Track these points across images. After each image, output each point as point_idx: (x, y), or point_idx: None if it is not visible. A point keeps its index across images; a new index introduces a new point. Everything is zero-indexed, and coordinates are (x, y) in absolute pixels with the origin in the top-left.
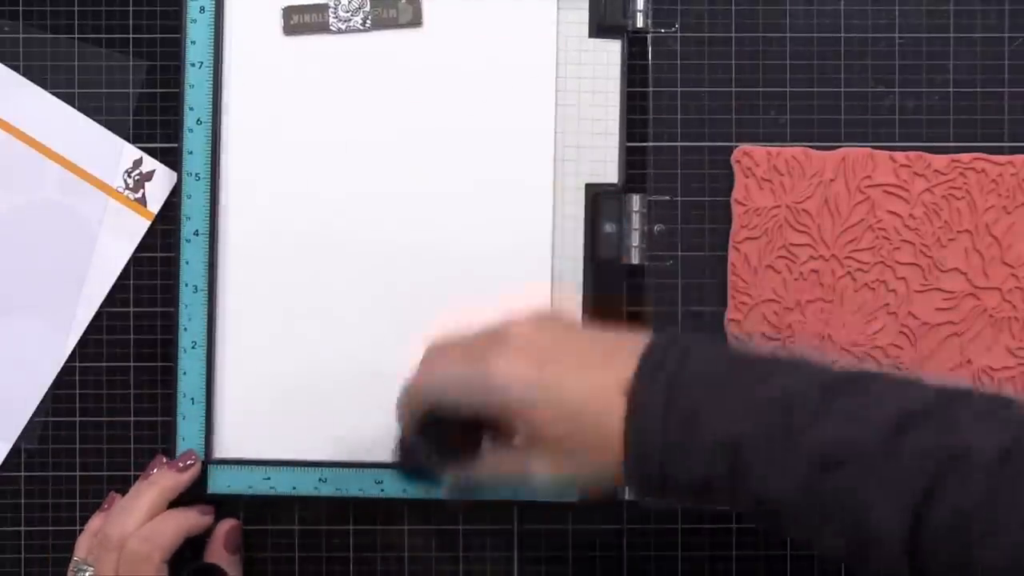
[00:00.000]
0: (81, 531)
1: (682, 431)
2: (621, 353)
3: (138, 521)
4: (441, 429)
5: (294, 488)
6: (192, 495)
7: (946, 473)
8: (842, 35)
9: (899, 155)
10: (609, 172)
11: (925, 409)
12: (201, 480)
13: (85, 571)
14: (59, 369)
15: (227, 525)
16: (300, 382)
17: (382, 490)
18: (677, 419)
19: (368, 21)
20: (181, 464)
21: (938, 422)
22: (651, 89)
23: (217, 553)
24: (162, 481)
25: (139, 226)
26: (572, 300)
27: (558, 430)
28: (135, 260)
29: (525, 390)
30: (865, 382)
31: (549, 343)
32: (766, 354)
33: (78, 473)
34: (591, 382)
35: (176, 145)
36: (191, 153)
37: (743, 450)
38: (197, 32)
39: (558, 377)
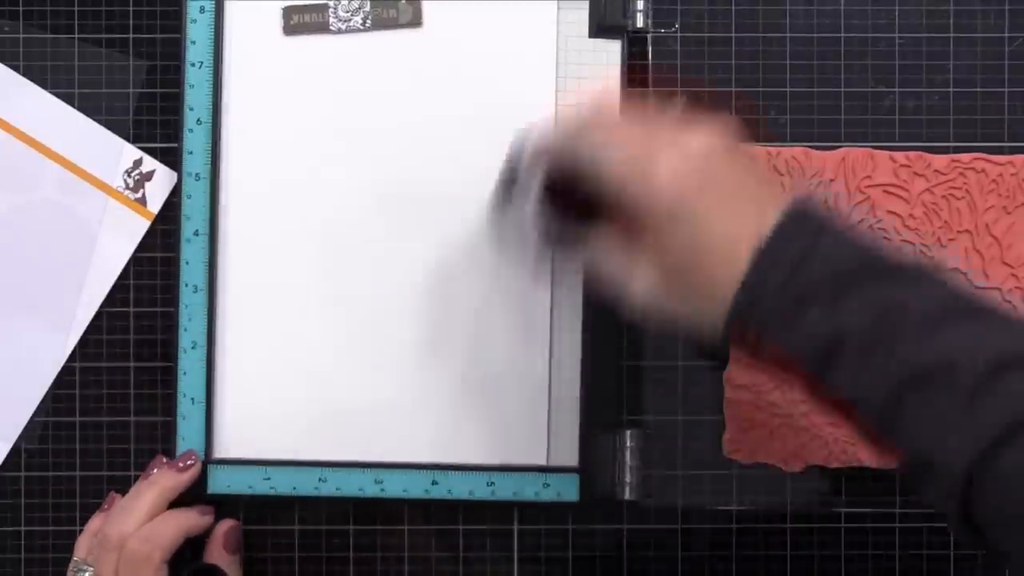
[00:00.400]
0: (81, 531)
1: (791, 308)
2: (767, 206)
3: (138, 521)
4: (557, 191)
5: (294, 488)
6: (192, 495)
7: None
8: (842, 35)
9: (899, 155)
10: None
11: None
12: (201, 480)
13: (85, 571)
14: (59, 369)
15: (227, 525)
16: (300, 382)
17: (382, 490)
18: (790, 296)
19: (368, 21)
20: (181, 464)
21: None
22: (651, 89)
23: (217, 553)
24: (162, 481)
25: (139, 226)
26: None
27: (682, 253)
28: (135, 260)
29: (676, 206)
30: (981, 314)
31: (714, 169)
32: (896, 258)
33: (78, 473)
34: (731, 226)
35: (176, 145)
36: (191, 153)
37: (844, 345)
38: (197, 32)
39: (707, 207)
